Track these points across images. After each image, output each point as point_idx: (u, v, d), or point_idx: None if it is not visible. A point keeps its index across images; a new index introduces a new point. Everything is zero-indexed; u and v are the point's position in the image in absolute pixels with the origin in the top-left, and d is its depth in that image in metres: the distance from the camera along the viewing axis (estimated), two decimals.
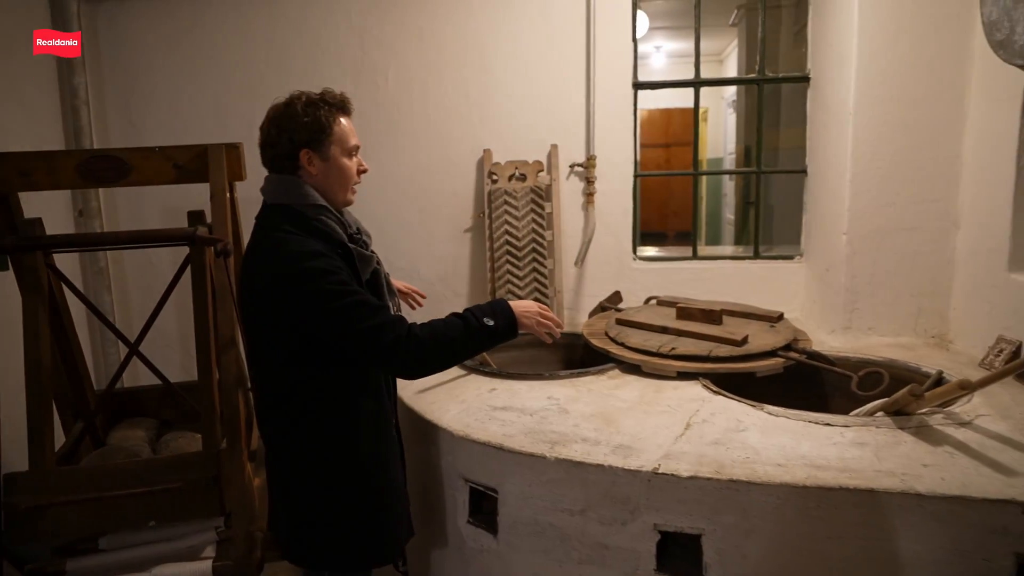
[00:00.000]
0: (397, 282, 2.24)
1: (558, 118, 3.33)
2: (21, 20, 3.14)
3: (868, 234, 2.77)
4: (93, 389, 2.73)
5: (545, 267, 3.30)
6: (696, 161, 3.46)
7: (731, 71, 8.10)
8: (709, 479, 1.73)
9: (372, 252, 1.85)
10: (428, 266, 3.52)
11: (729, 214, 7.62)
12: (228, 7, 3.42)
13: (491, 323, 1.73)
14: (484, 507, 2.09)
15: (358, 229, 1.85)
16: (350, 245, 1.73)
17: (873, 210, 2.75)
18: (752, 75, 3.44)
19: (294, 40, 3.43)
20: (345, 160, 1.75)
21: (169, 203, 3.52)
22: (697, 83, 3.36)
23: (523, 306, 1.82)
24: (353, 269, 1.72)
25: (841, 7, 2.80)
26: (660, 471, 1.77)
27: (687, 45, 6.78)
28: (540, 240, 3.31)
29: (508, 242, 3.29)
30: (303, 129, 1.69)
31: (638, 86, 3.30)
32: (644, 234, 3.68)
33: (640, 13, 3.47)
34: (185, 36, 3.44)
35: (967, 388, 1.80)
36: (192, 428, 2.81)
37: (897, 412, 1.96)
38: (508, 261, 3.29)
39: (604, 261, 3.41)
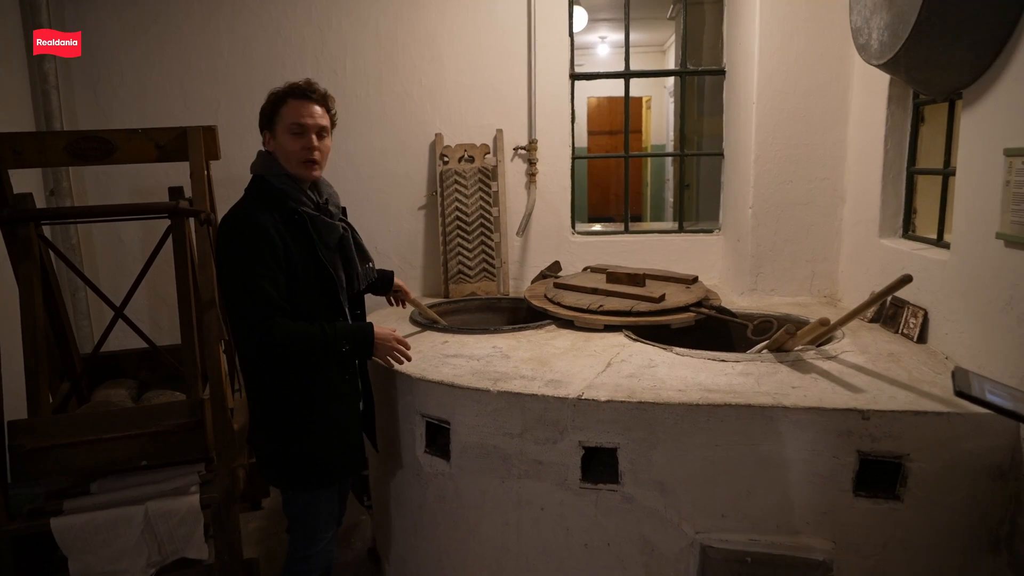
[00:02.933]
0: (399, 281, 2.58)
1: (503, 105, 3.67)
2: None
3: (770, 208, 3.20)
4: (79, 352, 2.98)
5: (492, 240, 3.65)
6: (627, 145, 3.85)
7: (671, 62, 8.59)
8: (623, 402, 2.11)
9: (340, 222, 2.17)
10: (386, 241, 3.84)
11: (671, 197, 8.15)
12: None
13: (346, 348, 2.04)
14: (439, 440, 2.44)
15: (327, 201, 2.16)
16: (306, 211, 2.03)
17: (773, 187, 3.18)
18: (676, 68, 3.83)
19: (257, 31, 3.68)
20: (286, 137, 2.02)
21: (135, 184, 3.74)
22: (627, 75, 3.75)
23: (382, 337, 2.14)
24: (306, 236, 2.02)
25: (748, 8, 3.21)
26: (583, 397, 2.14)
27: (632, 36, 7.16)
28: (487, 216, 3.66)
29: (459, 218, 3.63)
30: (262, 115, 2.06)
31: (574, 77, 3.67)
32: (592, 218, 4.08)
33: (578, 9, 3.83)
34: (151, 24, 3.65)
35: (825, 324, 2.23)
36: (170, 388, 3.08)
37: (779, 349, 2.38)
38: (459, 235, 3.63)
39: (545, 235, 3.78)
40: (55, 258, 2.77)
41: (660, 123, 10.42)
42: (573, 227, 3.80)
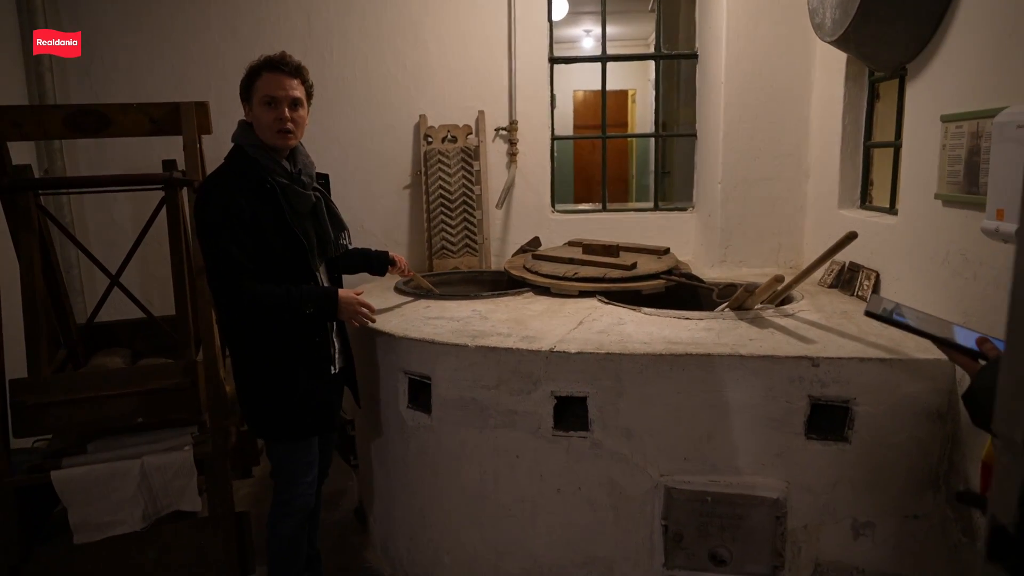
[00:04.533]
0: (395, 254, 2.71)
1: (485, 88, 3.81)
2: None
3: (738, 183, 3.36)
4: (75, 321, 3.10)
5: (475, 217, 3.80)
6: (604, 125, 4.00)
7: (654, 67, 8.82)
8: (592, 353, 2.26)
9: (314, 191, 2.28)
10: (372, 220, 3.97)
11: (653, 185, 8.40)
12: None
13: (310, 310, 2.16)
14: (420, 397, 2.58)
15: (300, 171, 2.26)
16: (278, 180, 2.15)
17: (741, 163, 3.34)
18: (651, 52, 3.99)
19: (248, 17, 3.80)
20: (261, 109, 2.13)
21: (127, 163, 3.85)
22: (604, 59, 3.90)
23: (346, 300, 2.25)
24: (275, 204, 2.13)
25: None
26: (555, 350, 2.29)
27: (616, 29, 7.34)
28: (470, 194, 3.80)
29: (442, 196, 3.77)
30: (241, 87, 2.18)
31: (553, 60, 3.82)
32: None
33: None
34: (145, 9, 3.77)
35: (780, 281, 2.39)
36: (164, 357, 3.20)
37: (740, 308, 2.54)
38: (442, 213, 3.77)
39: (526, 213, 3.92)
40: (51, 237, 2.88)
41: (645, 116, 10.62)
42: (553, 205, 3.95)
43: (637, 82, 10.55)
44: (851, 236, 2.29)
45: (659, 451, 2.27)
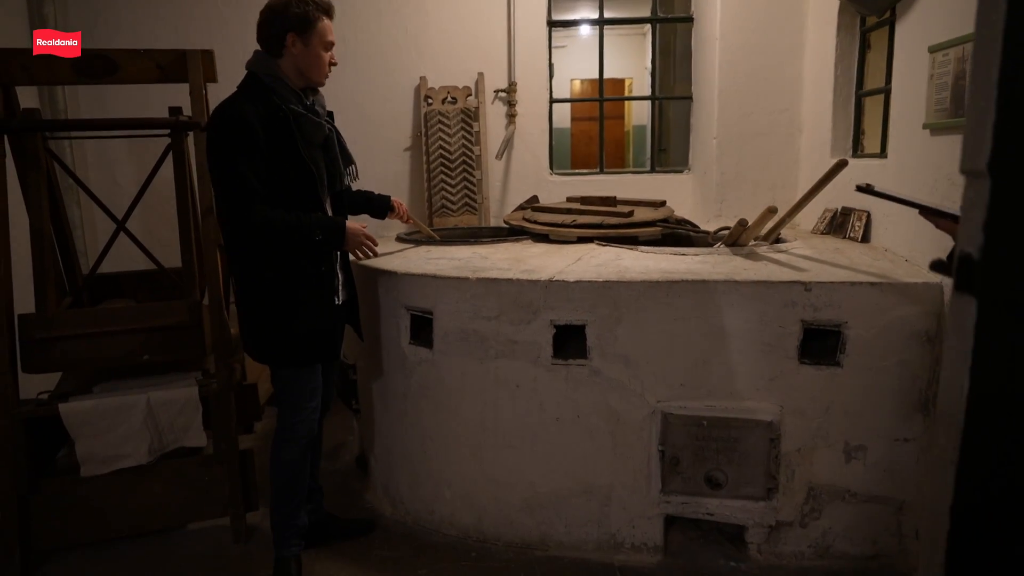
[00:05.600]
0: (396, 199, 2.76)
1: (484, 51, 3.87)
2: None
3: (732, 138, 3.43)
4: (80, 268, 3.14)
5: (474, 177, 3.85)
6: (601, 89, 4.07)
7: (650, 44, 8.90)
8: (590, 282, 2.32)
9: (326, 122, 2.35)
10: (372, 182, 3.94)
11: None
12: None
13: (319, 237, 2.21)
14: (422, 334, 2.63)
15: (314, 102, 2.33)
16: (292, 108, 2.19)
17: (735, 119, 3.41)
18: (648, 16, 4.06)
19: None
20: (321, 50, 2.22)
21: (130, 114, 3.88)
22: (601, 22, 3.96)
23: (353, 231, 2.31)
24: (288, 132, 2.17)
25: None
26: (554, 279, 2.35)
27: (614, 16, 7.34)
28: (470, 154, 3.86)
29: (442, 156, 3.83)
30: (293, 18, 2.18)
31: (551, 24, 3.88)
32: None
33: None
34: None
35: (774, 211, 2.45)
36: None
37: (735, 244, 2.60)
38: (442, 172, 3.83)
39: (524, 175, 3.98)
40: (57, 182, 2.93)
41: (642, 105, 10.73)
42: (551, 167, 4.01)
43: (634, 71, 10.67)
44: (841, 164, 2.35)
45: (656, 377, 2.33)
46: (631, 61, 10.05)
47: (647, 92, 9.17)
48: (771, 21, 3.31)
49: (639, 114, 11.03)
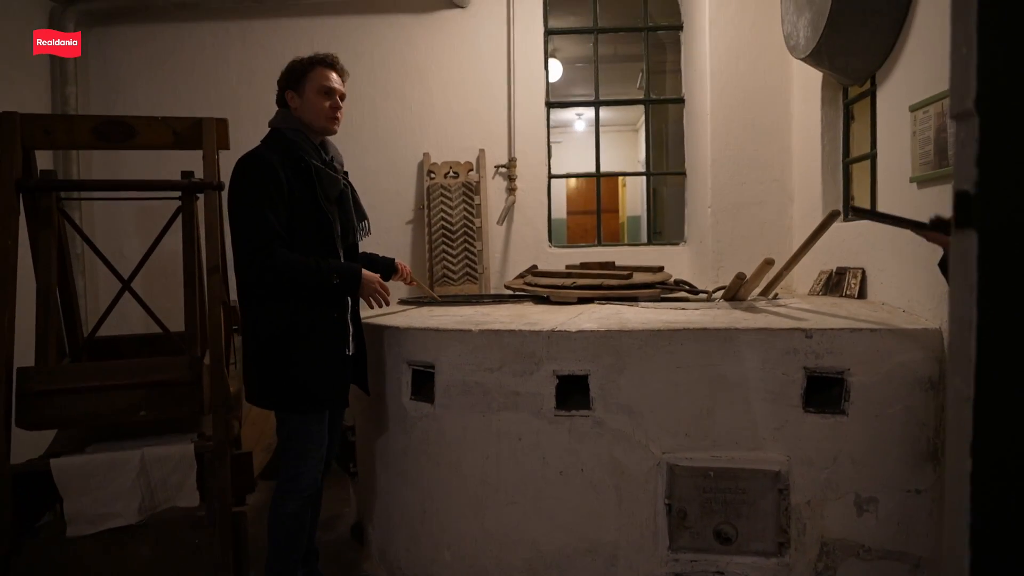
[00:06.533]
0: (400, 262, 2.83)
1: (485, 128, 4.06)
2: (21, 26, 3.67)
3: (727, 207, 3.54)
4: (83, 330, 3.15)
5: (475, 248, 3.94)
6: (599, 165, 4.23)
7: (643, 139, 9.33)
8: (592, 331, 2.33)
9: (342, 177, 2.45)
10: (376, 252, 4.09)
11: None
12: (206, 33, 4.07)
13: (336, 281, 2.29)
14: (424, 388, 2.61)
15: (332, 158, 2.44)
16: (313, 162, 2.30)
17: (729, 188, 3.53)
18: (644, 126, 4.28)
19: (263, 64, 4.07)
20: (316, 97, 2.34)
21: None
22: (597, 103, 4.17)
23: (368, 278, 2.39)
24: (309, 183, 2.28)
25: (699, 40, 3.67)
26: (556, 330, 2.36)
27: (607, 114, 7.76)
28: (471, 226, 3.95)
29: (444, 227, 3.92)
30: (287, 75, 2.37)
31: (550, 104, 4.08)
32: None
33: (553, 60, 4.30)
34: (167, 56, 4.06)
35: (771, 263, 2.50)
36: None
37: (733, 298, 2.63)
38: (443, 243, 3.91)
39: (524, 247, 4.07)
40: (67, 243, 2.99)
41: (635, 198, 11.09)
42: (550, 240, 4.10)
43: (627, 165, 11.10)
44: (834, 214, 2.42)
45: (660, 428, 2.30)
46: (625, 155, 10.49)
47: (640, 188, 9.49)
48: (759, 97, 3.50)
49: (633, 205, 11.40)
